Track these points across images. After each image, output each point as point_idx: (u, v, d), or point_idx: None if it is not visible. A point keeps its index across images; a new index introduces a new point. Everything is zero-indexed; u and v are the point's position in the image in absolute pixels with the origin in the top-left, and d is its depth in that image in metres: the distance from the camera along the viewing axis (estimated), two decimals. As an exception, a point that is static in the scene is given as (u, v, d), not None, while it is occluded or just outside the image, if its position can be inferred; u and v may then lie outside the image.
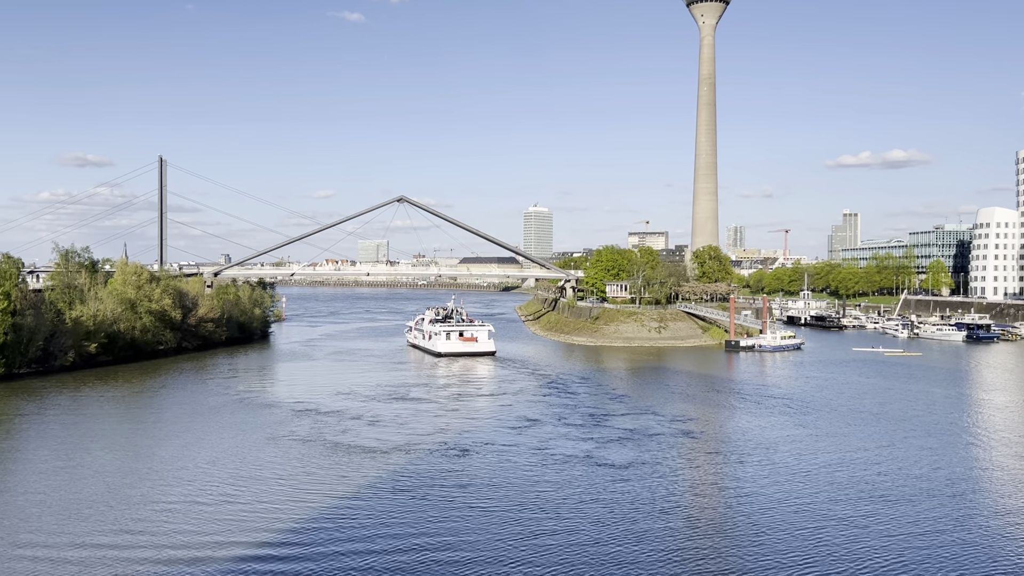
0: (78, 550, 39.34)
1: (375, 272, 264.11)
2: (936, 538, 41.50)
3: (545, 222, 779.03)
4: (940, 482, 51.94)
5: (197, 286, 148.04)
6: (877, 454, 59.57)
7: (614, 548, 39.75)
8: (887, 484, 51.36)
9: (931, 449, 61.27)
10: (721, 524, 44.09)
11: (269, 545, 40.16)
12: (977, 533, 42.33)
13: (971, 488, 50.91)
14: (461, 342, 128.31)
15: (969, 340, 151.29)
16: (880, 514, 45.17)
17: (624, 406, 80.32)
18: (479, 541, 40.79)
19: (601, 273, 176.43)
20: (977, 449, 62.26)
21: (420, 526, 42.99)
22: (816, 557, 38.80)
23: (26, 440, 64.14)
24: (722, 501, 48.35)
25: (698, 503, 48.40)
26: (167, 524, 43.13)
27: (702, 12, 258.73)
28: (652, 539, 41.13)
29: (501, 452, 59.52)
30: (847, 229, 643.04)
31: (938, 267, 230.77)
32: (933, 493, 49.38)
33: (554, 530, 42.34)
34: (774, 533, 42.06)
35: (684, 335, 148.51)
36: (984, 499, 48.71)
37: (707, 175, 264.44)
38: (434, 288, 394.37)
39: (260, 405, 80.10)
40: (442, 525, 43.16)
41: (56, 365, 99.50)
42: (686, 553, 39.44)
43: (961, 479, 52.88)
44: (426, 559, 38.45)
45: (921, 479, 52.56)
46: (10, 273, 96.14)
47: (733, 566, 37.73)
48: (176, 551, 39.23)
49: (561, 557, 38.53)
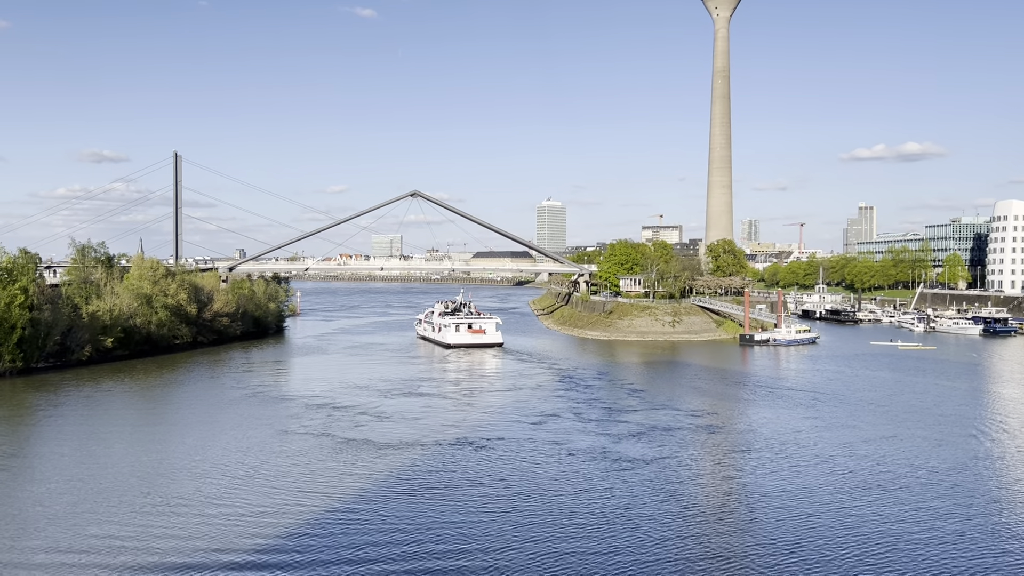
0: (94, 540, 39.61)
1: (389, 267, 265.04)
2: (954, 535, 41.26)
3: (558, 216, 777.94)
4: (962, 476, 51.57)
5: (212, 281, 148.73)
6: (895, 449, 59.17)
7: (632, 556, 39.47)
8: (908, 479, 51.02)
9: (950, 443, 60.83)
10: (751, 527, 43.79)
11: (283, 542, 40.27)
12: (1002, 531, 42.04)
13: (996, 484, 50.52)
14: (470, 334, 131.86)
15: (986, 334, 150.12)
16: (901, 511, 44.92)
17: (639, 401, 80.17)
18: (494, 544, 40.76)
19: (615, 267, 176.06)
20: (997, 444, 61.74)
21: (436, 527, 42.92)
22: (838, 554, 38.63)
23: (43, 434, 64.68)
24: (748, 500, 47.91)
25: (719, 501, 48.10)
26: (180, 518, 43.31)
27: (716, 4, 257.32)
28: (673, 540, 41.03)
29: (517, 449, 59.46)
30: (862, 222, 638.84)
31: (955, 260, 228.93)
32: (956, 489, 49.06)
33: (568, 535, 42.24)
34: (797, 530, 41.89)
35: (698, 329, 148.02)
36: (1011, 495, 48.33)
37: (721, 168, 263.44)
38: (448, 282, 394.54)
39: (275, 399, 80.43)
40: (455, 526, 43.03)
41: (73, 359, 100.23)
42: (707, 554, 39.31)
43: (982, 474, 52.48)
44: (442, 559, 38.52)
45: (940, 473, 52.23)
46: (27, 268, 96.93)
47: (757, 564, 37.60)
48: (189, 544, 39.38)
49: (580, 562, 38.52)
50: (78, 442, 60.99)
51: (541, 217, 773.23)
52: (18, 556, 38.01)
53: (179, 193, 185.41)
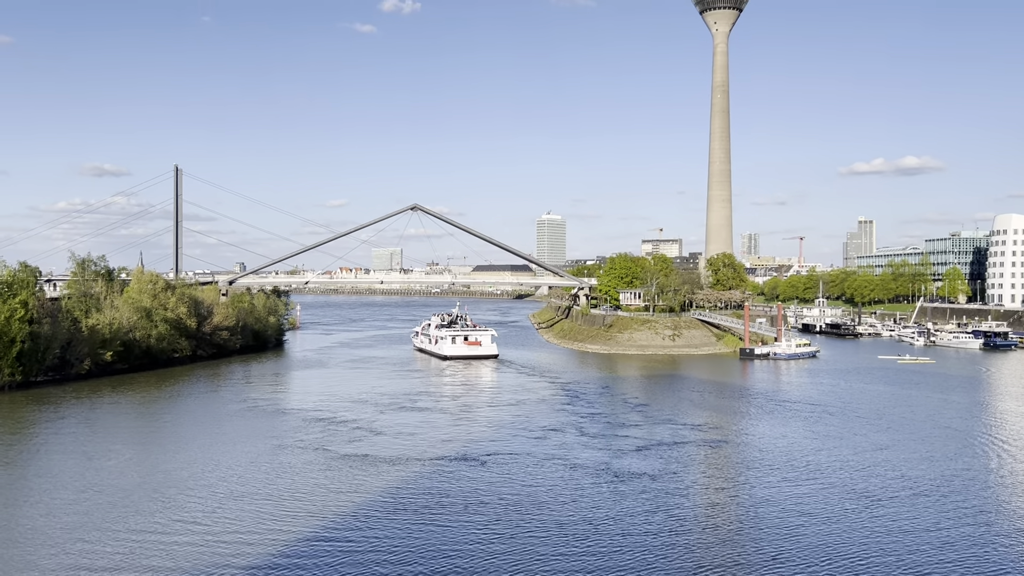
0: (91, 559, 39.43)
1: (389, 280, 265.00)
2: (958, 547, 41.10)
3: (558, 230, 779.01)
4: (966, 491, 51.39)
5: (212, 294, 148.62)
6: (897, 463, 58.97)
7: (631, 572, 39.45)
8: (909, 493, 50.84)
9: (951, 457, 60.64)
10: (746, 539, 43.64)
11: (277, 560, 40.09)
12: (1003, 544, 41.86)
13: (997, 498, 50.33)
14: (466, 346, 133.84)
15: (986, 348, 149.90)
16: (902, 523, 44.75)
17: (640, 415, 79.95)
18: (492, 565, 40.59)
19: (615, 281, 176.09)
20: (1000, 458, 61.54)
21: (434, 546, 42.72)
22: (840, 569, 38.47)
23: (42, 448, 64.38)
24: (752, 516, 47.83)
25: (723, 517, 47.89)
26: (178, 535, 43.14)
27: (715, 19, 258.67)
28: (677, 553, 40.86)
29: (517, 464, 59.21)
30: (862, 236, 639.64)
31: (954, 274, 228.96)
32: (958, 503, 48.89)
33: (568, 552, 42.07)
34: (801, 547, 41.71)
35: (698, 343, 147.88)
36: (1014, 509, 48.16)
37: (721, 182, 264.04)
38: (448, 296, 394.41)
39: (274, 413, 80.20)
40: (454, 545, 42.81)
41: (72, 373, 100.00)
42: (702, 564, 39.14)
43: (985, 489, 52.29)
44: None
45: (943, 487, 52.07)
46: (27, 282, 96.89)
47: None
48: (187, 560, 39.23)
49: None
50: (76, 457, 60.71)
51: (541, 231, 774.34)
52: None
53: (179, 206, 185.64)
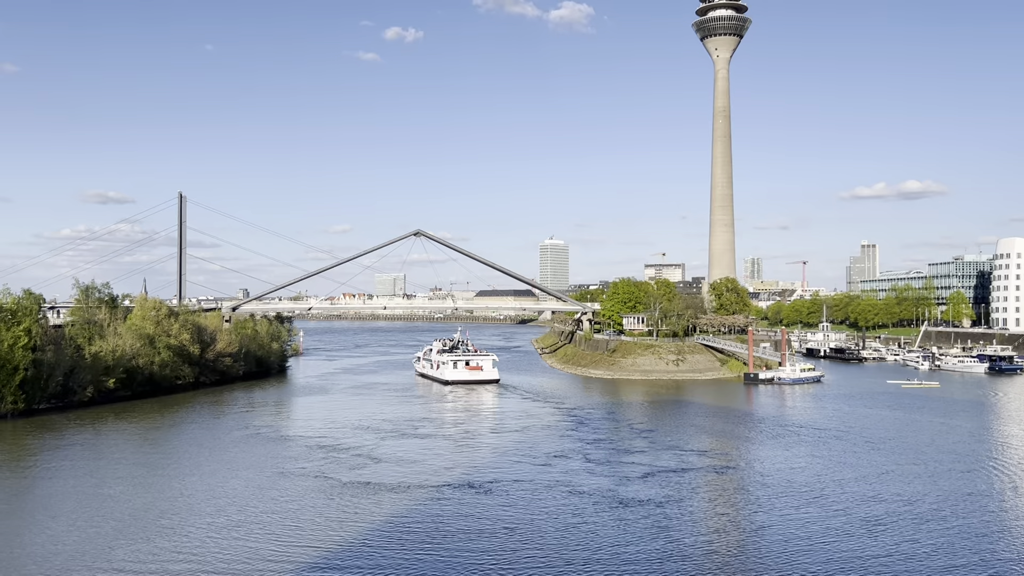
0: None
1: (392, 306, 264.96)
2: (961, 572, 40.66)
3: (561, 255, 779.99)
4: (969, 516, 50.90)
5: (215, 321, 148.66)
6: (901, 488, 58.47)
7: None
8: (913, 518, 50.38)
9: (959, 483, 60.16)
10: (760, 567, 43.24)
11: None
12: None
13: (1000, 524, 49.83)
14: (467, 371, 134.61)
15: (991, 372, 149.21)
16: (905, 548, 44.29)
17: (644, 441, 79.48)
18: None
19: (618, 305, 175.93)
20: (1005, 483, 61.00)
21: (438, 573, 42.47)
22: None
23: (45, 476, 64.11)
24: (756, 541, 47.44)
25: (727, 542, 47.50)
26: (180, 563, 42.79)
27: (716, 46, 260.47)
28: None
29: (520, 491, 58.83)
30: (865, 260, 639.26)
31: (958, 298, 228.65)
32: (962, 528, 48.42)
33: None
34: (805, 572, 41.27)
35: (702, 368, 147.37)
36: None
37: (723, 207, 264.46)
38: (451, 321, 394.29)
39: (276, 440, 79.87)
40: (459, 573, 42.57)
41: (75, 400, 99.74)
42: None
43: (989, 514, 51.79)
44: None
45: (947, 512, 51.60)
46: (31, 309, 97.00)
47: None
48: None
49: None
50: (79, 486, 60.42)
51: (544, 256, 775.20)
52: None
53: (183, 233, 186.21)
